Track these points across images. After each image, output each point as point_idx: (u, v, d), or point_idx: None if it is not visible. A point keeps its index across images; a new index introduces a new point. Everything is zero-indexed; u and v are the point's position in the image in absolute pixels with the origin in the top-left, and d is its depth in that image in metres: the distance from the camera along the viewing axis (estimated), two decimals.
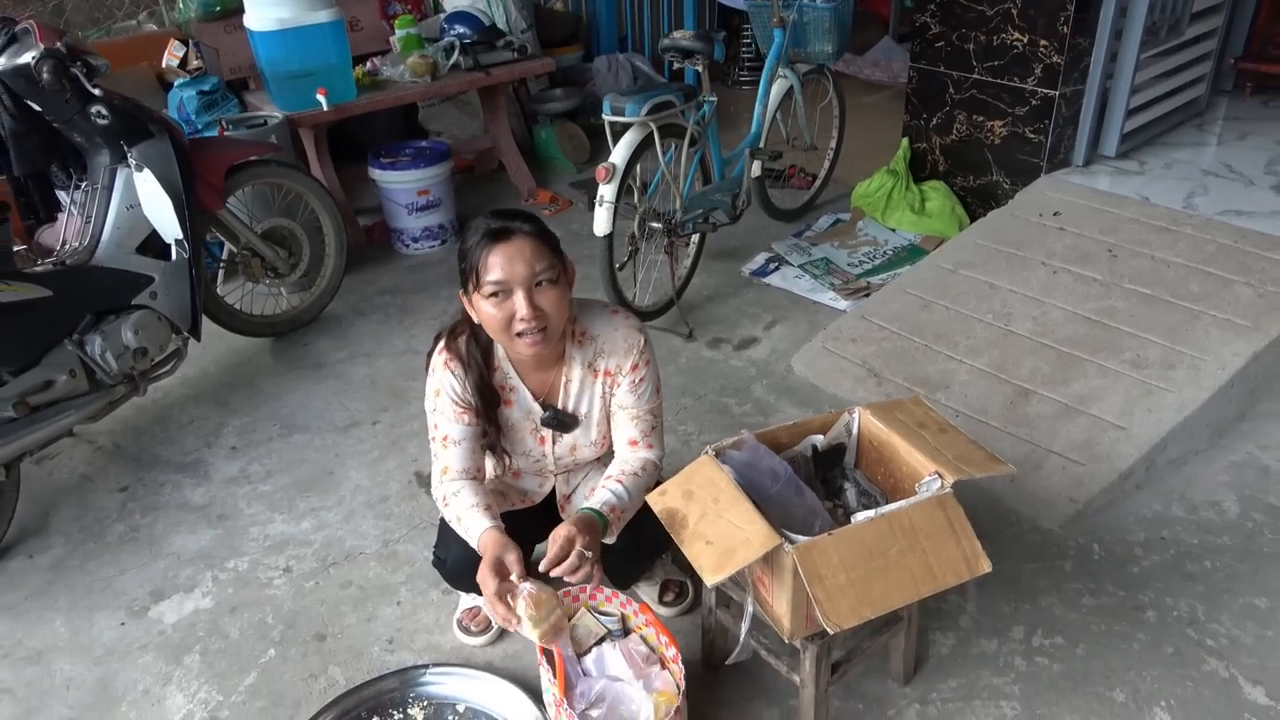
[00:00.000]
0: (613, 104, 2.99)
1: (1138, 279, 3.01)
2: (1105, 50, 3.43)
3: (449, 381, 1.80)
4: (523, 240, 1.65)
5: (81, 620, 2.25)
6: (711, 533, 1.61)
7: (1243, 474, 2.50)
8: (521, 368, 1.85)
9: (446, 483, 1.83)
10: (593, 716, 1.71)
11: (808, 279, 3.61)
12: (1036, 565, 2.25)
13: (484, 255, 1.64)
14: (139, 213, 2.77)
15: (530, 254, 1.65)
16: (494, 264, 1.64)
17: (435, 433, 1.85)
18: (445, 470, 1.84)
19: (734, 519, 1.59)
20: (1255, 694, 1.90)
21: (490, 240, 1.64)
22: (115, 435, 2.93)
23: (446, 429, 1.83)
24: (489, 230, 1.65)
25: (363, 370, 3.22)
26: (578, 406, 1.89)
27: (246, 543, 2.47)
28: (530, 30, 5.03)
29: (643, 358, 1.84)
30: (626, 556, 1.98)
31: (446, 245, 4.11)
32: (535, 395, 1.87)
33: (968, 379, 2.81)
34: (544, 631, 1.65)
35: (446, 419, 1.82)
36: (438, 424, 1.84)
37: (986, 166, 3.76)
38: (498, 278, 1.64)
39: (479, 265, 1.65)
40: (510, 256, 1.64)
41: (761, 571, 1.67)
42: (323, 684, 2.04)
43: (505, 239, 1.64)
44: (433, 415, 1.84)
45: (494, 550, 1.66)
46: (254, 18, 3.63)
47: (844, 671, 1.80)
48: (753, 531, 1.55)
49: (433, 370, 1.83)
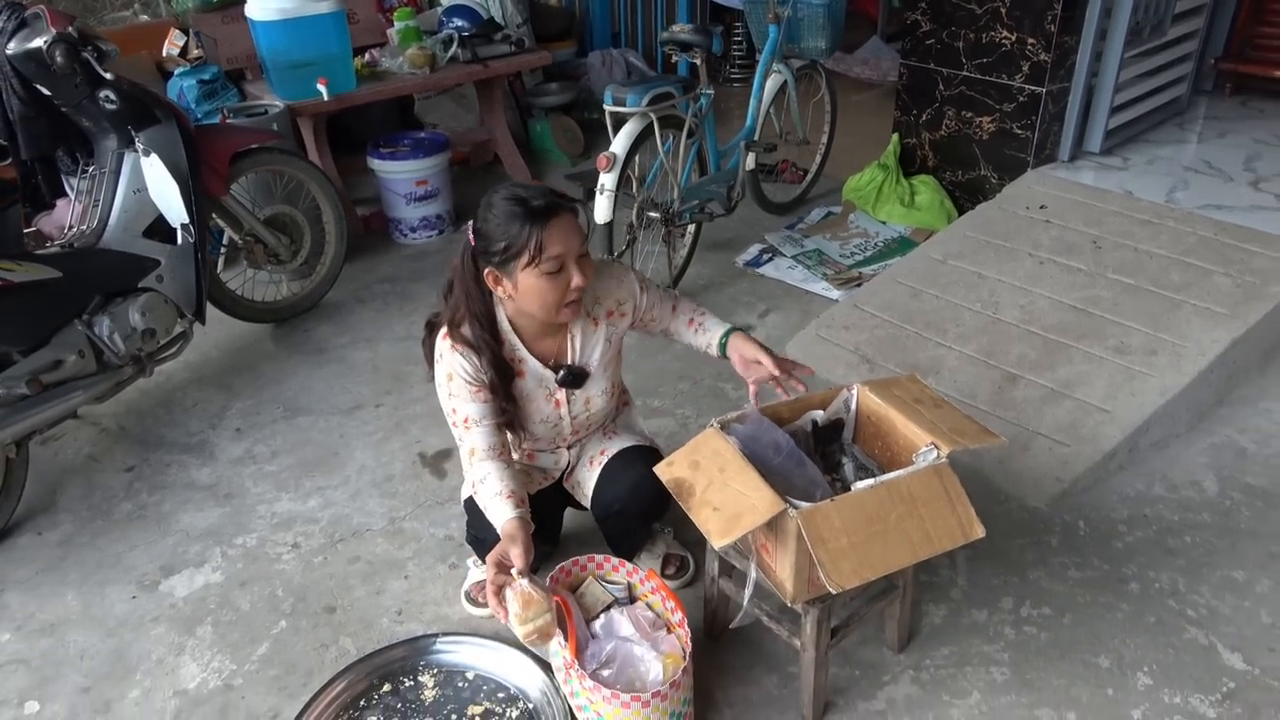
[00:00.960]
0: (614, 95, 3.05)
1: (1121, 269, 3.10)
2: (1090, 49, 3.53)
3: (459, 363, 1.83)
4: (569, 215, 1.73)
5: (93, 594, 2.29)
6: (718, 500, 1.67)
7: (1221, 455, 2.59)
8: (527, 337, 1.91)
9: (476, 465, 1.84)
10: (604, 676, 1.77)
11: (801, 269, 3.68)
12: (1024, 540, 2.33)
13: (541, 232, 1.69)
14: (145, 197, 2.81)
15: (575, 227, 1.75)
16: (554, 239, 1.70)
17: (455, 417, 1.86)
18: (473, 452, 1.85)
19: (740, 487, 1.66)
20: (1233, 660, 1.98)
21: (544, 217, 1.69)
22: (120, 417, 2.96)
23: (465, 410, 1.85)
24: (537, 209, 1.69)
25: (364, 355, 3.27)
26: (586, 359, 1.96)
27: (254, 520, 2.51)
28: (526, 24, 5.08)
29: (638, 281, 1.98)
30: (626, 521, 2.05)
31: (444, 235, 4.16)
32: (543, 361, 1.93)
33: (957, 365, 2.90)
34: (529, 631, 1.66)
35: (463, 400, 1.84)
36: (455, 408, 1.85)
37: (975, 161, 3.85)
38: (559, 251, 1.71)
39: (539, 242, 1.69)
40: (565, 231, 1.72)
41: (765, 538, 1.74)
42: (334, 653, 2.09)
43: (557, 214, 1.71)
44: (449, 400, 1.86)
45: (502, 542, 1.71)
46: (256, 8, 3.67)
47: (842, 636, 1.87)
48: (758, 498, 1.62)
49: (440, 357, 1.86)
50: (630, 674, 1.79)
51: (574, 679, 1.75)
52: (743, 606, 1.79)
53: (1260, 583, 2.17)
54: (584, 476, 2.11)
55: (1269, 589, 2.15)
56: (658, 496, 2.03)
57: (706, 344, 2.05)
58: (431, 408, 2.92)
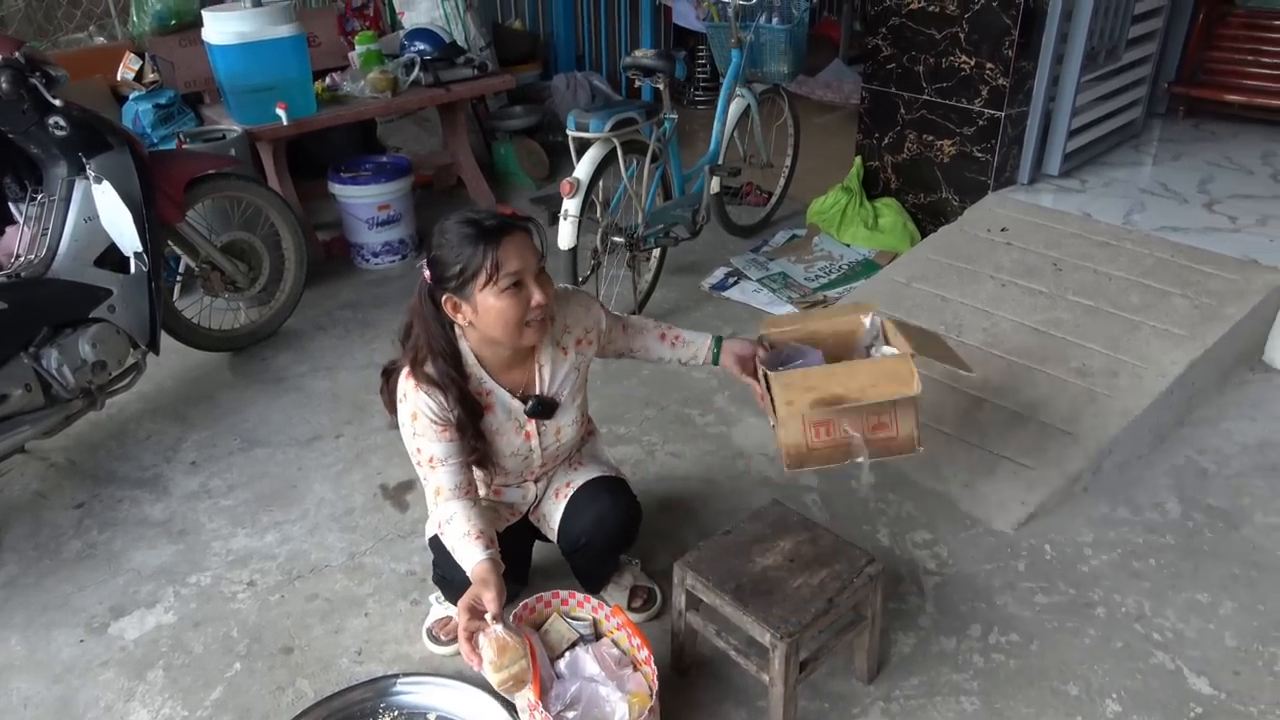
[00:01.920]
0: (577, 120, 3.04)
1: (1081, 291, 3.13)
2: (1048, 74, 3.58)
3: (424, 402, 1.78)
4: (522, 233, 1.72)
5: (38, 638, 2.20)
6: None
7: (1183, 476, 2.62)
8: (493, 369, 1.87)
9: (441, 505, 1.80)
10: (568, 718, 1.73)
11: (766, 293, 3.68)
12: (991, 566, 2.32)
13: (496, 250, 1.66)
14: (97, 225, 2.74)
15: (531, 244, 1.73)
16: (510, 255, 1.68)
17: (420, 457, 1.82)
18: (438, 491, 1.81)
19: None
20: (1199, 684, 1.99)
21: (497, 236, 1.67)
22: (70, 451, 2.87)
23: (430, 449, 1.80)
24: (490, 228, 1.68)
25: (324, 384, 3.21)
26: (555, 389, 1.94)
27: (209, 557, 2.44)
28: (489, 48, 5.07)
29: (600, 307, 2.00)
30: (593, 554, 2.02)
31: (407, 260, 4.12)
32: (512, 393, 1.90)
33: (922, 388, 2.89)
34: (504, 678, 1.63)
35: (429, 440, 1.80)
36: (420, 448, 1.81)
37: (936, 184, 3.88)
38: (516, 268, 1.68)
39: (494, 260, 1.66)
40: (520, 248, 1.70)
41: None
42: (290, 696, 2.03)
43: (510, 233, 1.69)
44: (414, 440, 1.81)
45: (474, 586, 1.68)
46: (213, 32, 3.61)
47: (811, 670, 1.85)
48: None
49: (404, 397, 1.81)
50: (595, 715, 1.75)
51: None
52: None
53: (1224, 605, 2.18)
54: (550, 509, 2.08)
55: (1232, 611, 2.16)
56: (624, 527, 2.03)
57: (693, 356, 2.10)
58: (393, 438, 2.83)
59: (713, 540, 1.97)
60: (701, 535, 2.05)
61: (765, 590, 1.82)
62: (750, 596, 1.80)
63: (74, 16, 4.87)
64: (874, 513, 2.52)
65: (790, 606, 1.77)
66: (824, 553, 1.90)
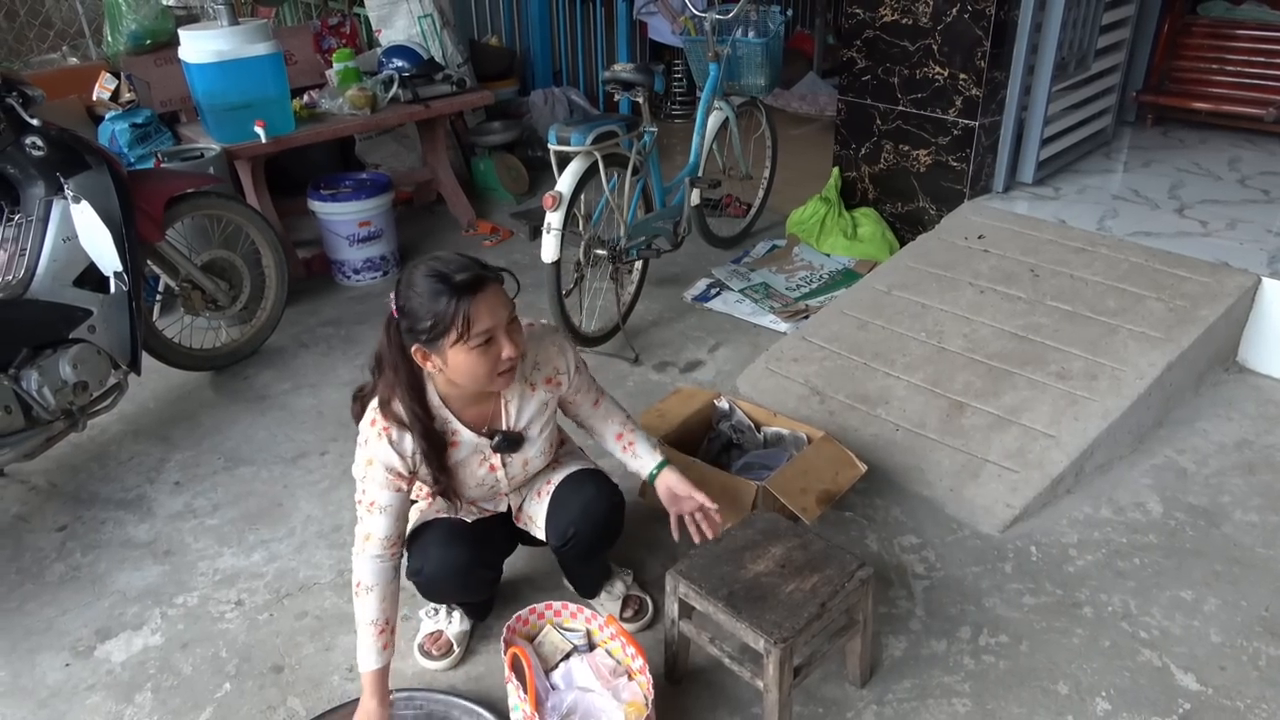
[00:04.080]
0: (558, 134, 3.06)
1: (1059, 296, 3.18)
2: (1020, 84, 3.64)
3: (384, 453, 1.77)
4: (494, 286, 1.70)
5: (23, 663, 2.17)
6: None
7: (1163, 476, 2.66)
8: (455, 406, 1.85)
9: (366, 557, 1.80)
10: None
11: (748, 303, 3.71)
12: (979, 569, 2.35)
13: (468, 308, 1.64)
14: (76, 245, 2.72)
15: (502, 297, 1.72)
16: (481, 314, 1.66)
17: (363, 497, 1.81)
18: (368, 537, 1.80)
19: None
20: (1186, 680, 2.01)
21: (469, 293, 1.65)
22: (50, 474, 2.84)
23: (375, 495, 1.80)
24: (460, 284, 1.65)
25: (308, 401, 3.19)
26: (521, 423, 1.93)
27: (195, 577, 2.42)
28: (467, 64, 5.09)
29: (575, 353, 2.00)
30: (583, 545, 2.01)
31: (389, 276, 4.11)
32: (475, 428, 1.88)
33: (905, 394, 2.93)
34: None
35: (376, 485, 1.79)
36: (366, 490, 1.81)
37: (913, 193, 3.93)
38: (487, 326, 1.67)
39: (466, 318, 1.64)
40: (492, 305, 1.68)
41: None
42: (282, 715, 2.01)
43: (482, 288, 1.67)
44: (362, 481, 1.81)
45: (368, 706, 1.79)
46: (190, 50, 3.60)
47: (805, 675, 1.86)
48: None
49: (365, 442, 1.80)
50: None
51: None
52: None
53: (1208, 602, 2.22)
54: (535, 510, 2.08)
55: (1216, 608, 2.20)
56: (610, 513, 2.02)
57: (637, 469, 2.12)
58: None
59: (704, 548, 1.98)
60: (691, 544, 2.06)
61: (758, 597, 1.82)
62: (743, 603, 1.81)
63: (46, 37, 4.84)
64: (862, 518, 2.53)
65: (783, 612, 1.78)
66: (815, 558, 1.92)
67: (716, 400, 2.72)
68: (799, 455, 2.46)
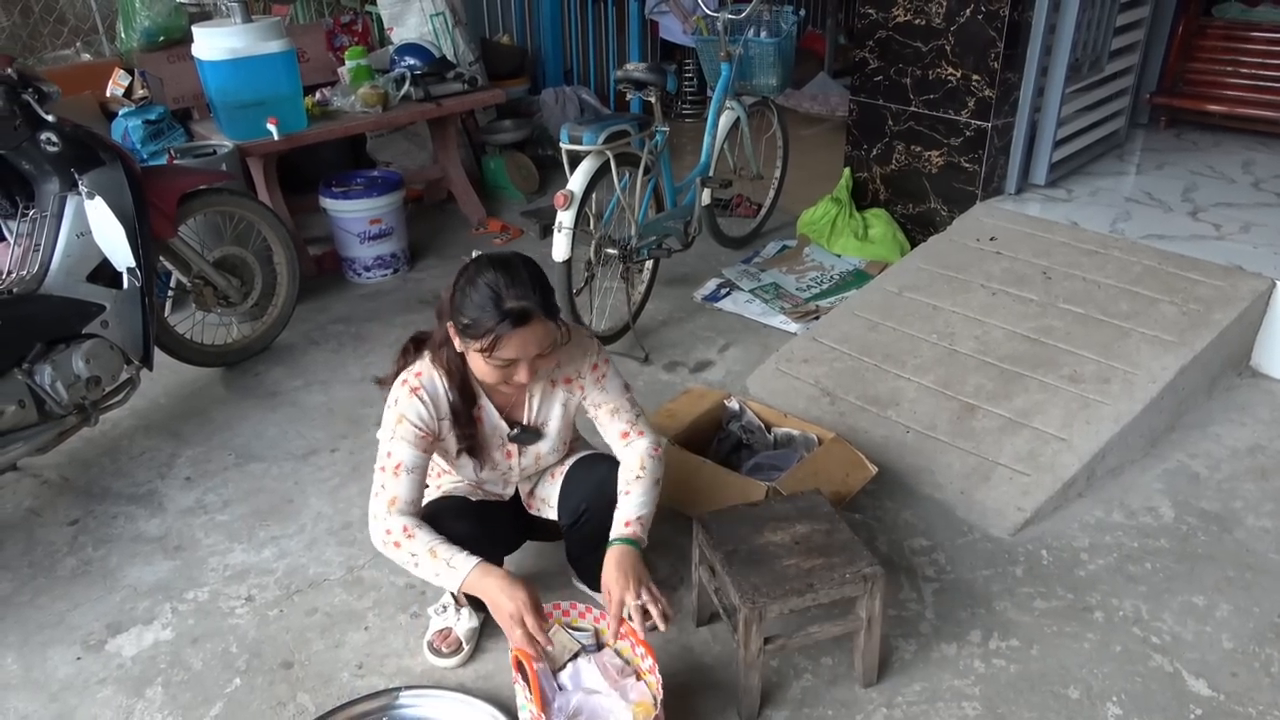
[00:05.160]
0: (570, 133, 3.06)
1: (1071, 299, 3.16)
2: (1033, 85, 3.63)
3: (416, 409, 1.82)
4: (538, 323, 1.72)
5: (34, 656, 2.18)
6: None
7: (1175, 480, 2.64)
8: (485, 385, 1.90)
9: (395, 515, 1.80)
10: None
11: (758, 303, 3.70)
12: (990, 572, 2.34)
13: (503, 334, 1.68)
14: (90, 240, 2.73)
15: (541, 335, 1.74)
16: (512, 345, 1.71)
17: (388, 461, 1.83)
18: (394, 501, 1.81)
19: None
20: (1198, 686, 2.00)
21: (511, 323, 1.68)
22: (62, 468, 2.85)
23: (401, 455, 1.82)
24: (508, 311, 1.67)
25: (319, 398, 3.20)
26: (540, 419, 1.99)
27: (206, 573, 2.42)
28: (478, 62, 5.09)
29: (600, 356, 1.97)
30: (596, 523, 2.00)
31: (399, 274, 4.12)
32: (500, 409, 1.95)
33: (916, 396, 2.92)
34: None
35: (404, 444, 1.82)
36: (392, 451, 1.83)
37: (925, 195, 3.92)
38: (512, 356, 1.73)
39: (496, 340, 1.69)
40: (526, 341, 1.72)
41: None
42: (291, 711, 2.01)
43: (526, 323, 1.69)
44: (389, 442, 1.84)
45: (506, 600, 1.72)
46: (203, 47, 3.61)
47: (781, 649, 1.94)
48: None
49: (395, 401, 1.85)
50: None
51: None
52: None
53: (1220, 607, 2.20)
54: (548, 491, 2.11)
55: (1228, 613, 2.19)
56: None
57: (613, 520, 1.89)
58: None
59: (738, 509, 2.09)
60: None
61: (755, 561, 1.90)
62: (738, 563, 1.90)
63: (61, 33, 4.85)
64: (872, 520, 2.53)
65: (769, 580, 1.86)
66: (832, 545, 1.95)
67: (726, 400, 2.71)
68: (809, 456, 2.46)
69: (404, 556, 1.79)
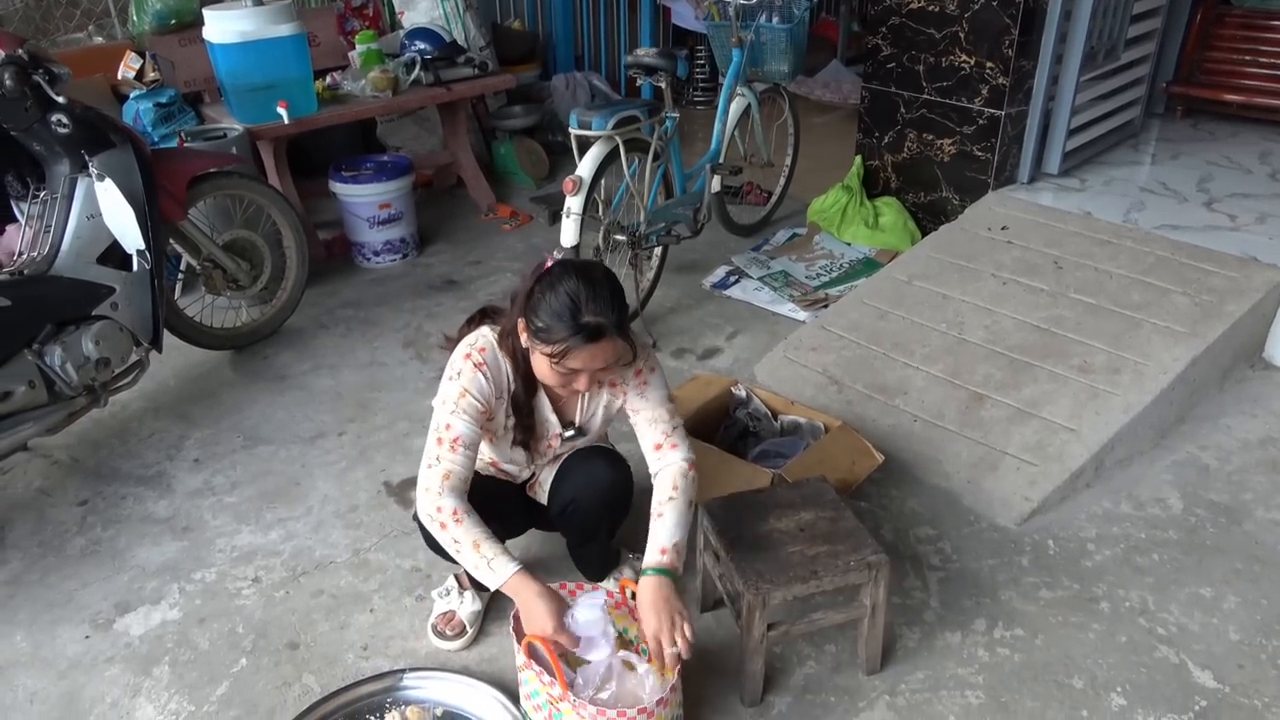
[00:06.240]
0: (580, 118, 3.05)
1: (1083, 289, 3.14)
2: (1047, 73, 3.59)
3: (479, 383, 1.82)
4: (609, 341, 1.72)
5: (43, 634, 2.20)
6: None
7: (1184, 472, 2.63)
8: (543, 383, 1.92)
9: (449, 495, 1.78)
10: (603, 699, 1.72)
11: (767, 291, 3.69)
12: (995, 561, 2.33)
13: (574, 347, 1.69)
14: (100, 223, 2.73)
15: (610, 353, 1.74)
16: (579, 358, 1.72)
17: (445, 434, 1.80)
18: (447, 476, 1.79)
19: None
20: (1204, 678, 1.99)
21: (583, 338, 1.68)
22: (72, 449, 2.87)
23: (460, 429, 1.80)
24: (582, 325, 1.67)
25: (327, 382, 3.21)
26: (588, 416, 2.02)
27: (213, 554, 2.44)
28: (489, 47, 5.07)
29: (647, 364, 1.94)
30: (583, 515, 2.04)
31: (408, 259, 4.12)
32: (552, 402, 1.97)
33: (924, 385, 2.91)
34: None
35: (465, 418, 1.80)
36: (451, 424, 1.80)
37: (937, 183, 3.89)
38: (577, 368, 1.74)
39: (565, 350, 1.69)
40: (593, 355, 1.72)
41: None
42: (297, 691, 2.03)
43: (597, 340, 1.70)
44: (449, 415, 1.81)
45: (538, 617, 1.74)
46: (214, 30, 3.61)
47: (784, 635, 1.94)
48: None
49: (457, 374, 1.83)
50: (629, 687, 1.74)
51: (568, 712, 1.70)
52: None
53: (1227, 599, 2.19)
54: (545, 476, 2.13)
55: (1235, 605, 2.17)
56: (613, 486, 2.03)
57: (647, 547, 1.85)
58: (396, 435, 2.88)
59: (743, 495, 2.08)
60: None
61: (760, 548, 1.91)
62: (742, 549, 1.90)
63: (73, 16, 4.86)
64: (878, 509, 2.52)
65: (773, 567, 1.86)
66: (836, 533, 1.96)
67: (734, 387, 2.71)
68: (816, 444, 2.46)
69: (446, 538, 1.78)
